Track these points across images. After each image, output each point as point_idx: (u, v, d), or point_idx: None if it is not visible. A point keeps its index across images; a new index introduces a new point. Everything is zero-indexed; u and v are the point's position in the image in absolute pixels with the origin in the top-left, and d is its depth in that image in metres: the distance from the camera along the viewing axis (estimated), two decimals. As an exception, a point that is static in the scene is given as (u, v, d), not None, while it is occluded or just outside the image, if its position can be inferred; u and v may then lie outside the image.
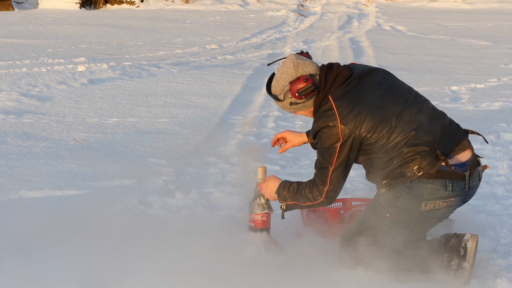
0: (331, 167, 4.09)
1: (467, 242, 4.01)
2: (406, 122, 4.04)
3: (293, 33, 17.18)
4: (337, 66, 4.15)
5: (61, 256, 4.21)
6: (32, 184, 5.63)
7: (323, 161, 4.11)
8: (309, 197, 4.19)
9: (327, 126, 4.04)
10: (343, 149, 4.05)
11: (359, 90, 4.08)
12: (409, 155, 4.02)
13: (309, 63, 4.13)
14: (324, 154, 4.10)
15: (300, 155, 6.69)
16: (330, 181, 4.11)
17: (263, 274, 4.15)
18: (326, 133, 4.05)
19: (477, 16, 21.02)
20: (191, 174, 6.10)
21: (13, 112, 8.18)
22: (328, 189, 4.13)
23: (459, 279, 3.98)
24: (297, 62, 4.12)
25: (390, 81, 4.20)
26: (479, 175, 4.19)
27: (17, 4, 21.79)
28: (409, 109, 4.09)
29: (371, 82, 4.14)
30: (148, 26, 17.69)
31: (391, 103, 4.07)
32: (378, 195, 4.16)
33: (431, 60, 12.91)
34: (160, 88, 9.84)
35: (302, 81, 4.07)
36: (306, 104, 4.15)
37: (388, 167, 4.07)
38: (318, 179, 4.15)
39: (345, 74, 4.11)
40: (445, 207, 4.09)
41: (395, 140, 4.03)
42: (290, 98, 4.14)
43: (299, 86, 4.08)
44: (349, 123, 4.02)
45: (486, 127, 7.68)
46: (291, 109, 4.22)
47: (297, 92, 4.09)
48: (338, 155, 4.06)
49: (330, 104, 4.06)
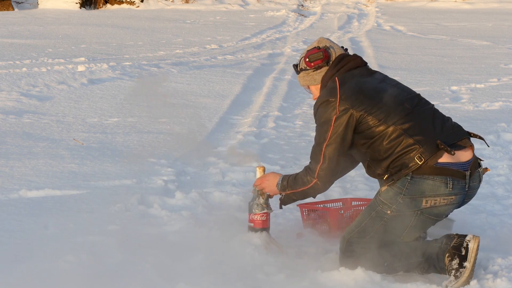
0: (325, 142, 4.13)
1: (468, 243, 4.02)
2: (406, 110, 4.12)
3: (293, 33, 17.19)
4: (354, 55, 4.34)
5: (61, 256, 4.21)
6: (32, 184, 5.63)
7: (318, 137, 4.17)
8: (304, 180, 4.22)
9: (326, 101, 4.15)
10: (338, 123, 4.10)
11: (365, 78, 4.22)
12: (410, 144, 4.06)
13: (334, 44, 4.34)
14: (320, 130, 4.16)
15: (300, 155, 6.70)
16: (323, 157, 4.14)
17: (263, 274, 4.15)
18: (325, 107, 4.14)
19: (477, 16, 21.02)
20: (191, 174, 6.10)
21: (13, 112, 8.19)
22: (321, 166, 4.15)
23: (460, 278, 3.99)
24: (322, 38, 4.36)
25: (395, 81, 4.35)
26: (479, 176, 4.21)
27: (17, 4, 21.79)
28: (411, 101, 4.19)
29: (378, 77, 4.29)
30: (148, 26, 17.69)
31: (394, 92, 4.19)
32: (379, 193, 4.17)
33: (431, 60, 12.91)
34: (160, 88, 9.83)
35: (316, 49, 4.26)
36: (315, 77, 4.29)
37: (388, 158, 4.08)
38: (312, 159, 4.21)
39: (358, 62, 4.29)
40: (445, 205, 4.10)
41: (393, 125, 4.07)
42: (303, 65, 4.32)
43: (312, 52, 4.27)
44: (347, 99, 4.11)
45: (486, 127, 7.69)
46: (303, 80, 4.35)
47: (307, 58, 4.27)
48: (333, 129, 4.11)
49: (335, 83, 4.19)
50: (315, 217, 4.92)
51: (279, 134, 7.58)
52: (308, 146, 4.76)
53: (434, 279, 4.15)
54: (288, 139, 7.40)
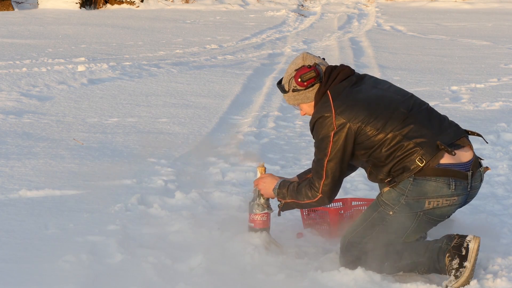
0: (326, 158, 4.12)
1: (469, 243, 4.02)
2: (402, 114, 4.11)
3: (293, 33, 17.18)
4: (341, 65, 4.30)
5: (61, 256, 4.21)
6: (32, 184, 5.63)
7: (318, 153, 4.17)
8: (308, 194, 4.22)
9: (322, 117, 4.13)
10: (337, 139, 4.10)
11: (356, 87, 4.20)
12: (410, 147, 4.06)
13: (318, 59, 4.29)
14: (319, 146, 4.16)
15: (300, 155, 6.69)
16: (325, 173, 4.14)
17: (263, 274, 4.15)
18: (321, 123, 4.13)
19: (477, 16, 21.02)
20: (191, 174, 6.10)
21: (13, 112, 8.18)
22: (325, 182, 4.15)
23: (460, 278, 3.99)
24: (307, 55, 4.29)
25: (387, 84, 4.33)
26: (480, 176, 4.22)
27: (17, 4, 21.79)
28: (406, 104, 4.18)
29: (369, 83, 4.27)
30: (148, 26, 17.69)
31: (387, 98, 4.18)
32: (381, 194, 4.17)
33: (431, 60, 12.91)
34: (160, 88, 9.84)
35: (306, 68, 4.21)
36: (308, 95, 4.24)
37: (390, 163, 4.09)
38: (314, 175, 4.20)
39: (347, 72, 4.25)
40: (448, 206, 4.11)
41: (392, 132, 4.07)
42: (293, 85, 4.24)
43: (302, 71, 4.21)
44: (343, 113, 4.10)
45: (486, 127, 7.68)
46: (295, 99, 4.29)
47: (299, 77, 4.21)
48: (332, 144, 4.10)
49: (327, 97, 4.17)
50: (315, 217, 4.92)
51: (279, 134, 7.58)
52: (308, 146, 4.77)
53: (434, 279, 4.15)
54: (288, 139, 7.39)
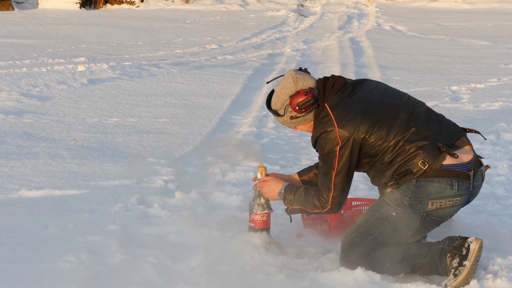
0: (333, 171, 4.12)
1: (470, 244, 4.03)
2: (404, 120, 4.11)
3: (293, 33, 17.18)
4: (332, 77, 4.25)
5: (61, 256, 4.21)
6: (32, 184, 5.63)
7: (325, 167, 4.16)
8: (317, 205, 4.22)
9: (325, 132, 4.11)
10: (343, 153, 4.09)
11: (353, 96, 4.18)
12: (412, 151, 4.07)
13: (308, 77, 4.22)
14: (325, 160, 4.14)
15: (300, 155, 6.69)
16: (334, 187, 4.14)
17: (263, 274, 4.15)
18: (325, 138, 4.11)
19: (477, 16, 21.02)
20: (191, 174, 6.10)
21: (13, 112, 8.18)
22: (333, 195, 4.16)
23: (458, 276, 3.99)
24: (297, 77, 4.19)
25: (382, 87, 4.31)
26: (482, 175, 4.23)
27: (17, 4, 21.79)
28: (405, 108, 4.17)
29: (365, 89, 4.24)
30: (148, 26, 17.68)
31: (386, 104, 4.17)
32: (384, 194, 4.17)
33: (431, 60, 12.91)
34: (160, 88, 9.84)
35: (302, 95, 4.14)
36: (306, 118, 4.22)
37: (392, 167, 4.10)
38: (322, 186, 4.19)
39: (341, 82, 4.21)
40: (451, 206, 4.12)
41: (395, 139, 4.08)
42: (290, 112, 4.20)
43: (299, 99, 4.15)
44: (346, 126, 4.08)
45: (486, 127, 7.68)
46: (291, 124, 4.27)
47: (297, 106, 4.15)
48: (338, 158, 4.10)
49: (326, 111, 4.14)
50: (315, 217, 4.92)
51: (279, 134, 7.58)
52: (308, 146, 4.77)
53: (434, 279, 4.15)
54: (288, 139, 7.39)
